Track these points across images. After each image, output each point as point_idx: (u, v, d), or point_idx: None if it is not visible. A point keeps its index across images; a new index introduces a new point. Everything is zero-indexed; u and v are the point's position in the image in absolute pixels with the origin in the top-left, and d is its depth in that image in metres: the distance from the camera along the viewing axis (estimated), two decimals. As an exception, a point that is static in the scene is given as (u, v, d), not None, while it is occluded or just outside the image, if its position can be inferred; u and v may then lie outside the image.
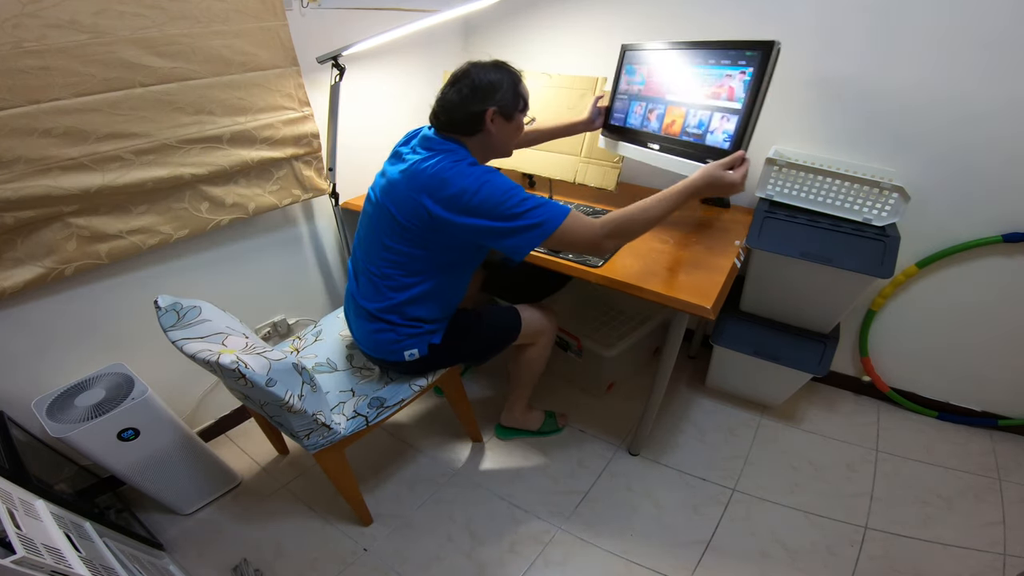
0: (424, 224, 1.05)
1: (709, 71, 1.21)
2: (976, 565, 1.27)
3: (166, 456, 1.31)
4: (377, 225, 1.15)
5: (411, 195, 1.05)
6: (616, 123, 1.50)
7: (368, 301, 1.20)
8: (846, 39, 1.35)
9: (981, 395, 1.64)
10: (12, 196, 1.05)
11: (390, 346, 1.21)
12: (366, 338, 1.24)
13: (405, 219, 1.07)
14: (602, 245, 1.04)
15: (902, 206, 1.30)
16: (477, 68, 1.08)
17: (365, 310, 1.21)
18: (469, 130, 1.09)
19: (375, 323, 1.20)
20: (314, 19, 1.48)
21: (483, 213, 1.00)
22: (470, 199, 1.00)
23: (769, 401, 1.76)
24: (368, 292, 1.20)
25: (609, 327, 1.89)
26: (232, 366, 0.92)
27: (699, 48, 1.24)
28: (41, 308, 1.21)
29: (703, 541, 1.35)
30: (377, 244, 1.15)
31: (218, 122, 1.30)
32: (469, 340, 1.32)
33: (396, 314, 1.18)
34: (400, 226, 1.08)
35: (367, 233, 1.20)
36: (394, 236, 1.11)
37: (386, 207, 1.11)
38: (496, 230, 1.01)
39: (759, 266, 1.49)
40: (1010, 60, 1.19)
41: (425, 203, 1.03)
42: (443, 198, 1.02)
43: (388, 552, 1.34)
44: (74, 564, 0.81)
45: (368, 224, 1.19)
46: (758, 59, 1.10)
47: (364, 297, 1.21)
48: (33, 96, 1.03)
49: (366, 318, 1.21)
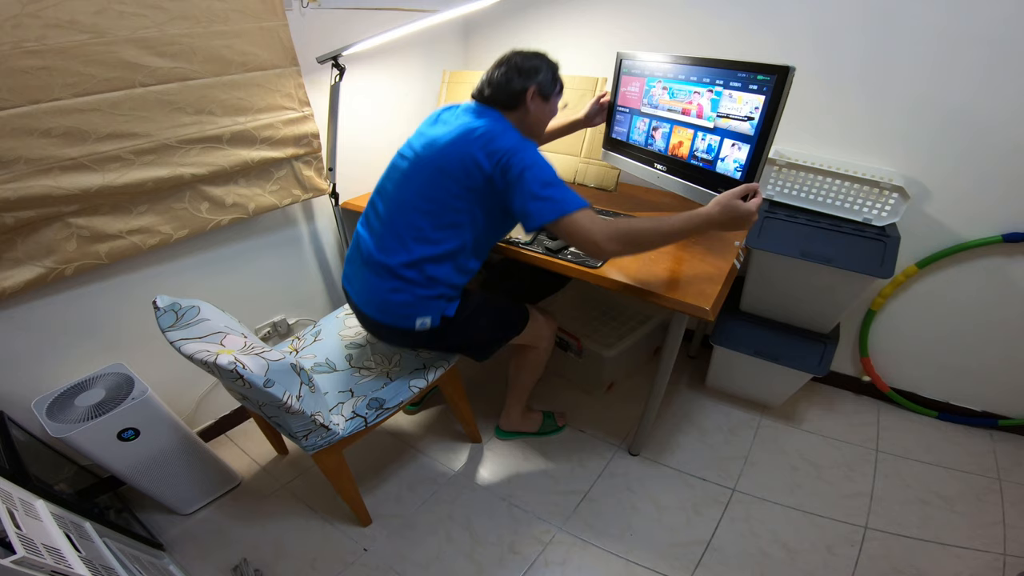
0: (466, 174, 1.08)
1: (716, 91, 1.20)
2: (976, 565, 1.27)
3: (166, 456, 1.31)
4: (413, 177, 1.16)
5: (460, 148, 1.09)
6: (618, 137, 1.50)
7: (388, 255, 1.17)
8: (846, 40, 1.35)
9: (981, 395, 1.64)
10: (12, 196, 1.05)
11: (403, 309, 1.18)
12: (377, 298, 1.20)
13: (449, 170, 1.10)
14: (604, 247, 1.04)
15: (902, 206, 1.31)
16: (520, 54, 1.19)
17: (383, 266, 1.17)
18: (511, 104, 1.18)
19: (392, 280, 1.17)
20: (314, 19, 1.48)
21: (521, 173, 1.04)
22: (512, 157, 1.05)
23: (769, 401, 1.76)
24: (390, 245, 1.17)
25: (609, 327, 1.89)
26: (230, 367, 0.92)
27: (706, 66, 1.21)
28: (41, 308, 1.21)
29: (703, 541, 1.35)
30: (411, 195, 1.15)
31: (218, 122, 1.30)
32: (479, 322, 1.30)
33: (416, 270, 1.16)
34: (441, 177, 1.11)
35: (398, 187, 1.19)
36: (433, 186, 1.12)
37: (427, 160, 1.13)
38: (527, 192, 1.04)
39: (759, 266, 1.49)
40: (1011, 59, 1.19)
41: (475, 154, 1.07)
42: (490, 151, 1.07)
43: (388, 552, 1.34)
44: (74, 564, 0.81)
45: (401, 179, 1.19)
46: (771, 85, 1.07)
47: (384, 251, 1.18)
48: (33, 96, 1.03)
49: (382, 275, 1.18)
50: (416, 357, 1.37)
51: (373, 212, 1.24)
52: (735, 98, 1.16)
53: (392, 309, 1.19)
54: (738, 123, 1.17)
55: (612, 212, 1.57)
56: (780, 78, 1.05)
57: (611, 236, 1.03)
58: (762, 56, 1.14)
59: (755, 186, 1.06)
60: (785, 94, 1.05)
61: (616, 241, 1.04)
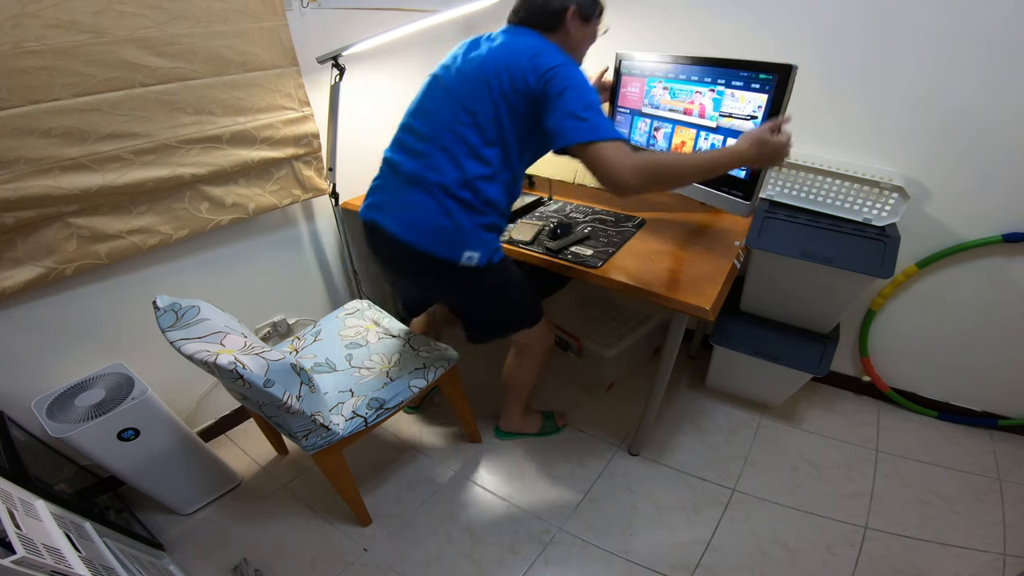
0: (512, 87, 1.04)
1: (719, 90, 1.19)
2: (976, 565, 1.27)
3: (166, 456, 1.31)
4: (455, 91, 1.11)
5: (506, 60, 1.05)
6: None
7: (440, 173, 1.09)
8: (846, 40, 1.35)
9: (981, 395, 1.64)
10: (12, 196, 1.05)
11: (453, 236, 1.11)
12: (424, 221, 1.11)
13: (493, 83, 1.05)
14: (628, 180, 0.97)
15: (902, 206, 1.30)
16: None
17: (438, 184, 1.09)
18: (550, 26, 1.12)
19: (446, 200, 1.09)
20: (314, 19, 1.48)
21: (564, 91, 1.00)
22: (557, 73, 1.01)
23: (769, 401, 1.76)
24: (441, 164, 1.10)
25: (609, 327, 1.89)
26: (230, 367, 0.92)
27: (707, 66, 1.21)
28: (41, 308, 1.21)
29: (703, 541, 1.35)
30: (457, 109, 1.09)
31: (218, 122, 1.30)
32: (507, 293, 1.26)
33: (470, 191, 1.10)
34: (485, 90, 1.06)
35: (441, 103, 1.13)
36: (477, 99, 1.07)
37: (470, 74, 1.09)
38: (565, 109, 1.00)
39: (759, 266, 1.49)
40: (1011, 59, 1.19)
41: (522, 67, 1.03)
42: (536, 65, 1.03)
43: (388, 552, 1.34)
44: (74, 564, 0.81)
45: (442, 94, 1.13)
46: (774, 83, 1.07)
47: (434, 169, 1.10)
48: (33, 96, 1.03)
49: (435, 193, 1.09)
50: (416, 356, 1.37)
51: (410, 135, 1.16)
52: (738, 97, 1.16)
53: (442, 235, 1.11)
54: (741, 122, 1.17)
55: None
56: (783, 76, 1.05)
57: (635, 168, 0.97)
58: (763, 56, 1.14)
59: (781, 120, 1.02)
60: (788, 92, 1.05)
61: (640, 174, 0.97)
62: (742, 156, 1.01)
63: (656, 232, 1.49)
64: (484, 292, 1.22)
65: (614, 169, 0.97)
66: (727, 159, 1.02)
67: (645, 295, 1.20)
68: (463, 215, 1.10)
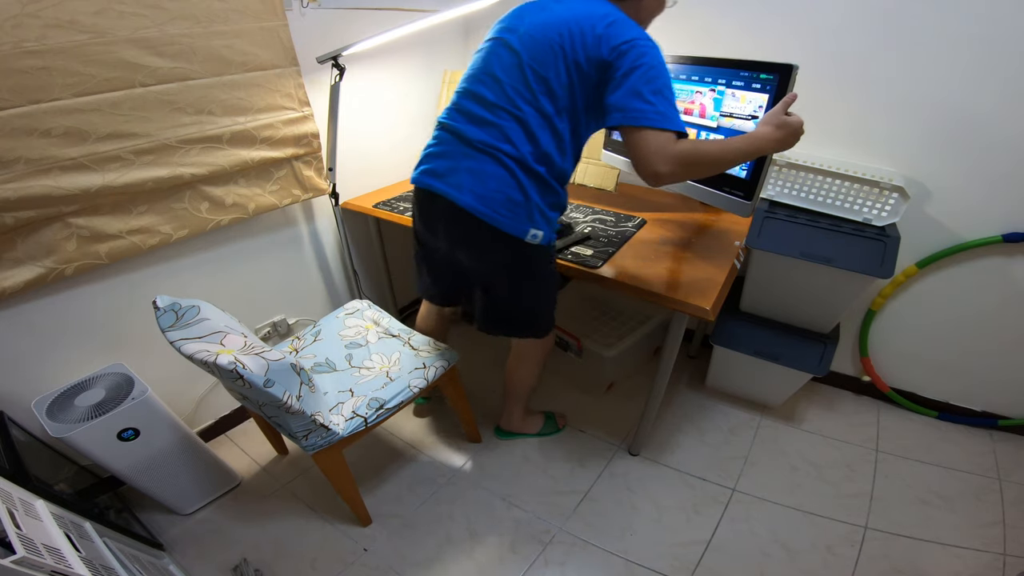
0: (586, 56, 0.99)
1: (719, 90, 1.19)
2: (976, 565, 1.27)
3: (166, 456, 1.31)
4: (527, 56, 1.04)
5: (583, 26, 0.99)
6: (620, 138, 1.50)
7: (513, 145, 1.04)
8: (846, 39, 1.35)
9: (981, 395, 1.64)
10: (12, 196, 1.05)
11: (524, 210, 1.07)
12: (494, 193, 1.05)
13: (567, 49, 1.00)
14: (663, 172, 0.95)
15: (902, 206, 1.31)
16: None
17: (512, 157, 1.04)
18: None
19: (521, 174, 1.05)
20: (314, 19, 1.48)
21: (635, 68, 0.95)
22: (633, 48, 0.96)
23: (769, 401, 1.76)
24: (515, 134, 1.04)
25: (609, 327, 1.89)
26: (230, 367, 0.92)
27: (707, 66, 1.21)
28: (41, 308, 1.21)
29: (703, 541, 1.35)
30: (528, 75, 1.03)
31: (218, 122, 1.30)
32: (543, 288, 1.24)
33: (545, 164, 1.06)
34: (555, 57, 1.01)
35: (509, 69, 1.05)
36: (547, 66, 1.02)
37: (540, 38, 1.03)
38: (633, 88, 0.95)
39: (759, 266, 1.49)
40: (1011, 59, 1.19)
41: (598, 35, 0.98)
42: (611, 35, 0.97)
43: (388, 552, 1.34)
44: (74, 564, 0.81)
45: (510, 59, 1.06)
46: (775, 83, 1.07)
47: (507, 140, 1.04)
48: (33, 96, 1.03)
49: (507, 166, 1.04)
50: (416, 356, 1.37)
51: (475, 102, 1.09)
52: (738, 97, 1.16)
53: (514, 209, 1.06)
54: (742, 122, 1.17)
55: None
56: (783, 76, 1.05)
57: (674, 158, 0.94)
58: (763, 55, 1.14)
59: (794, 95, 1.01)
60: (789, 91, 1.05)
61: (678, 164, 0.94)
62: (772, 139, 0.99)
63: (656, 232, 1.49)
64: (533, 276, 1.19)
65: (654, 159, 0.94)
66: (759, 143, 0.99)
67: (645, 295, 1.20)
68: (535, 190, 1.07)
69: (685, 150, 0.94)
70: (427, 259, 1.34)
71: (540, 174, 1.06)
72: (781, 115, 0.99)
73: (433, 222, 1.18)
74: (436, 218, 1.16)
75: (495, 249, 1.12)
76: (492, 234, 1.08)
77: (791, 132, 0.99)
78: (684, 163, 0.94)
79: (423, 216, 1.21)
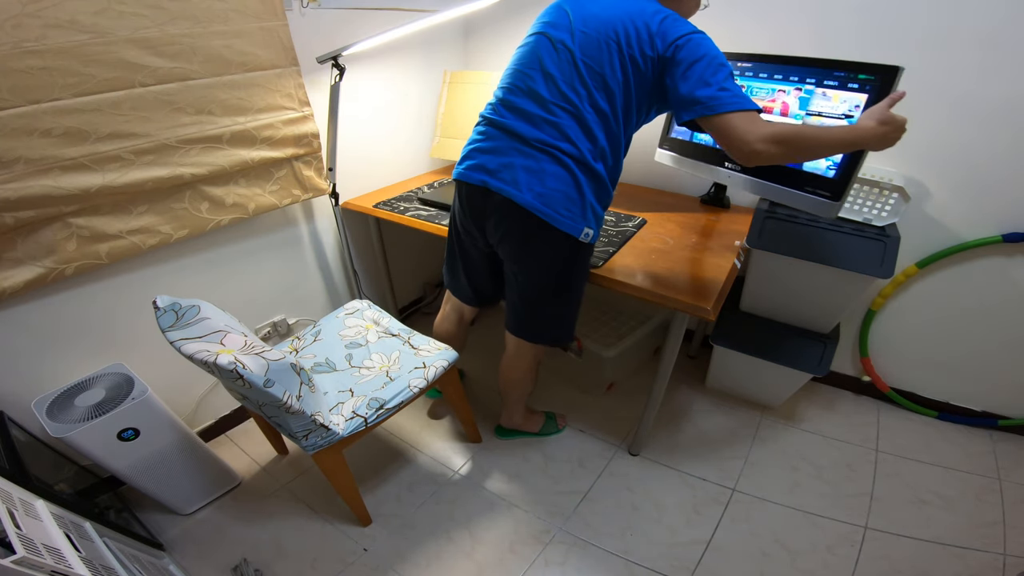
0: (640, 52, 0.99)
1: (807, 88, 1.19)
2: (976, 565, 1.27)
3: (166, 456, 1.31)
4: (581, 52, 1.03)
5: (636, 21, 0.99)
6: (679, 136, 1.49)
7: (572, 144, 1.04)
8: (847, 40, 1.35)
9: (981, 395, 1.64)
10: (12, 196, 1.05)
11: (580, 209, 1.07)
12: (554, 193, 1.05)
13: (621, 44, 1.00)
14: (761, 150, 0.93)
15: (902, 206, 1.31)
16: None
17: (571, 155, 1.04)
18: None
19: (579, 172, 1.05)
20: (314, 19, 1.48)
21: (698, 60, 0.96)
22: (690, 41, 0.97)
23: (769, 401, 1.76)
24: (573, 132, 1.04)
25: (609, 327, 1.89)
26: (230, 367, 0.92)
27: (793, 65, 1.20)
28: (41, 308, 1.21)
29: (703, 541, 1.35)
30: (584, 71, 1.02)
31: (218, 122, 1.30)
32: (573, 292, 1.23)
33: (603, 162, 1.07)
34: (608, 53, 1.01)
35: (562, 65, 1.04)
36: (607, 62, 1.01)
37: (593, 35, 1.02)
38: (702, 79, 0.95)
39: (759, 266, 1.49)
40: (1010, 59, 1.19)
41: (652, 30, 0.98)
42: (664, 30, 0.98)
43: (388, 552, 1.34)
44: (74, 564, 0.81)
45: (563, 55, 1.04)
46: (877, 84, 1.06)
47: (565, 138, 1.04)
48: (33, 96, 1.03)
49: (566, 165, 1.04)
50: (416, 356, 1.37)
51: (526, 98, 1.07)
52: (830, 96, 1.16)
53: (572, 208, 1.06)
54: (833, 121, 1.17)
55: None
56: (886, 77, 1.06)
57: (770, 137, 0.92)
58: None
59: (899, 95, 0.98)
60: (893, 91, 1.04)
61: (776, 143, 0.92)
62: (875, 134, 0.95)
63: (656, 232, 1.49)
64: (574, 277, 1.19)
65: (748, 139, 0.93)
66: (860, 135, 0.95)
67: (645, 295, 1.20)
68: (590, 188, 1.07)
69: (782, 129, 0.93)
70: (464, 256, 1.33)
71: (598, 172, 1.06)
72: (887, 111, 0.96)
73: (483, 218, 1.17)
74: (488, 214, 1.15)
75: (548, 247, 1.12)
76: (549, 233, 1.08)
77: (895, 128, 0.95)
78: (782, 141, 0.93)
79: (472, 212, 1.19)
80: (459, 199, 1.22)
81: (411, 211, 1.64)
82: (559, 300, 1.23)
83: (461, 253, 1.33)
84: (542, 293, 1.22)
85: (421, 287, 2.34)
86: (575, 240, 1.09)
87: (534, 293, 1.23)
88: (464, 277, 1.37)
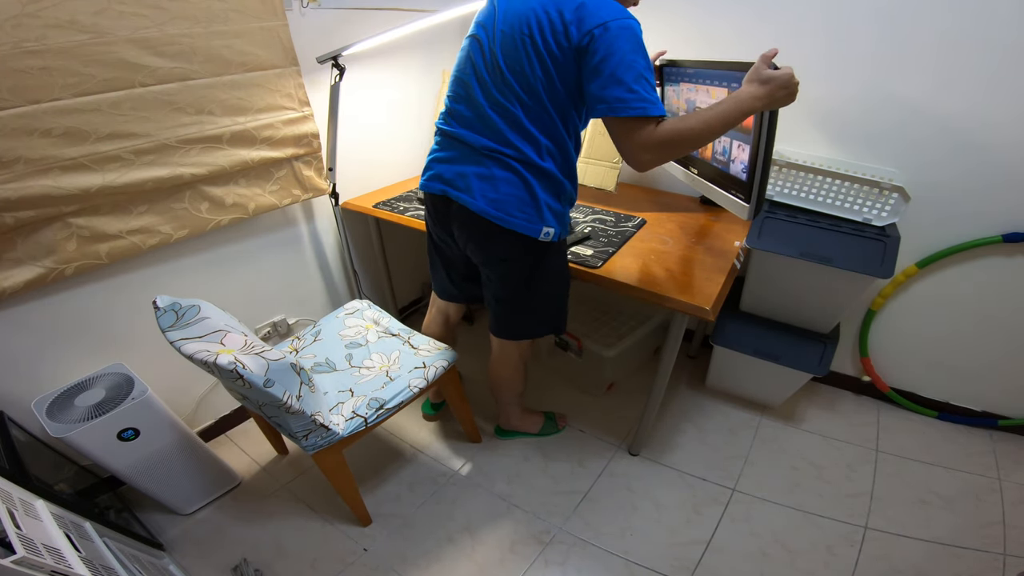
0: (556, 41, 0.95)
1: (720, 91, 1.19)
2: (976, 565, 1.27)
3: (166, 456, 1.31)
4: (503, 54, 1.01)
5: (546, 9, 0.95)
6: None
7: (514, 148, 1.03)
8: (848, 42, 1.35)
9: (981, 395, 1.64)
10: (12, 196, 1.05)
11: (534, 210, 1.06)
12: (506, 197, 1.05)
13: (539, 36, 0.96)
14: (641, 156, 0.94)
15: (902, 206, 1.30)
16: None
17: (516, 159, 1.03)
18: None
19: (528, 174, 1.04)
20: (314, 19, 1.48)
21: (610, 54, 0.90)
22: (608, 29, 0.90)
23: (769, 401, 1.76)
24: (512, 136, 1.03)
25: (609, 327, 1.89)
26: (230, 367, 0.92)
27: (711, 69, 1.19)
28: (41, 308, 1.21)
29: (703, 541, 1.35)
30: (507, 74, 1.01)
31: (218, 122, 1.30)
32: (563, 278, 1.25)
33: (551, 160, 1.05)
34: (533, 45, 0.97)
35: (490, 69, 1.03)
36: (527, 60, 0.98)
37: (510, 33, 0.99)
38: (612, 76, 0.90)
39: (759, 266, 1.49)
40: (1011, 61, 1.19)
41: (566, 17, 0.93)
42: (581, 17, 0.92)
43: (388, 552, 1.34)
44: (74, 564, 0.81)
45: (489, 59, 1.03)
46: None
47: (507, 143, 1.04)
48: (33, 96, 1.03)
49: (514, 169, 1.04)
50: (416, 356, 1.37)
51: (466, 106, 1.08)
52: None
53: (525, 210, 1.07)
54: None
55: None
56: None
57: (655, 144, 0.91)
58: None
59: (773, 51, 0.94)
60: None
61: (661, 147, 0.92)
62: (756, 96, 0.92)
63: (656, 232, 1.49)
64: (548, 273, 1.20)
65: (638, 149, 0.93)
66: (743, 103, 0.92)
67: (645, 295, 1.20)
68: (541, 187, 1.06)
69: (665, 133, 0.92)
70: (443, 258, 1.36)
71: (547, 170, 1.05)
72: (763, 69, 0.92)
73: (447, 226, 1.20)
74: (450, 222, 1.18)
75: (511, 251, 1.13)
76: (508, 236, 1.09)
77: (779, 85, 0.91)
78: (667, 145, 0.92)
79: (438, 220, 1.22)
80: (427, 208, 1.25)
81: (411, 211, 1.64)
82: (533, 298, 1.24)
83: (439, 254, 1.37)
84: (515, 292, 1.23)
85: (421, 287, 2.34)
86: (534, 240, 1.10)
87: (506, 293, 1.24)
88: (446, 276, 1.40)
